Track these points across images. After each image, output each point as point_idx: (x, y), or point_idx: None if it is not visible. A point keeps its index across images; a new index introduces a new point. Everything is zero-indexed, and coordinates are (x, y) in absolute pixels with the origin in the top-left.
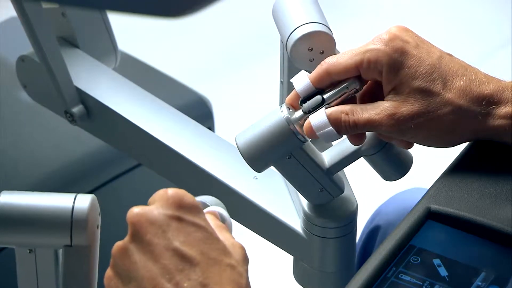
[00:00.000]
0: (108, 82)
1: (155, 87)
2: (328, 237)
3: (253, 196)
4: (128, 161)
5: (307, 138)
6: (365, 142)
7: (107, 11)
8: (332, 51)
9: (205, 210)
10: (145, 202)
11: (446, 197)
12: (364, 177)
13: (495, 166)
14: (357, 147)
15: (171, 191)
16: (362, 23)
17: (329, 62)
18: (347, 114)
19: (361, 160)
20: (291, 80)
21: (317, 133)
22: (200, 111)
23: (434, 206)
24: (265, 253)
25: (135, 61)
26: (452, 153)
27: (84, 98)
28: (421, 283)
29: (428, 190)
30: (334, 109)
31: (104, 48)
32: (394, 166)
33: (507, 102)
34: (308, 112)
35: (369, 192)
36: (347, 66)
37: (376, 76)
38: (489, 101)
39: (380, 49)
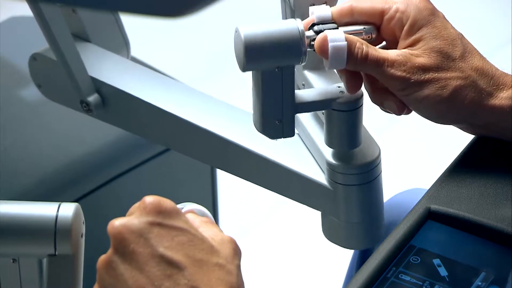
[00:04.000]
0: (121, 68)
1: None
2: (351, 184)
3: (276, 156)
4: (128, 161)
5: (305, 58)
6: (342, 95)
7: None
8: (334, 3)
9: (182, 211)
10: None
11: (446, 197)
12: None
13: (495, 166)
14: (332, 96)
15: (149, 198)
16: None
17: (356, 0)
18: (362, 44)
19: None
20: (311, 7)
21: (329, 45)
22: None
23: (434, 206)
24: (265, 254)
25: (135, 61)
26: (452, 153)
27: (99, 86)
28: (421, 283)
29: (428, 190)
30: (352, 36)
31: (116, 42)
32: (350, 134)
33: (510, 87)
34: (319, 33)
35: None
36: (372, 8)
37: (397, 30)
38: (496, 82)
39: (412, 3)
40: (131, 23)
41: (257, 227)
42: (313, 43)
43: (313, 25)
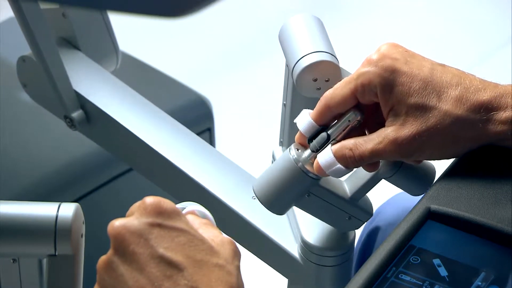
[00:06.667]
0: (108, 87)
1: (155, 87)
2: (324, 265)
3: (251, 216)
4: None
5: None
6: (381, 165)
7: (107, 11)
8: (338, 78)
9: (183, 212)
10: None
11: (446, 197)
12: None
13: (495, 166)
14: (375, 172)
15: (149, 199)
16: (362, 23)
17: (327, 96)
18: (350, 149)
19: None
20: (294, 120)
21: (326, 172)
22: (200, 111)
23: (434, 206)
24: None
25: (135, 61)
26: None
27: (83, 103)
28: (421, 283)
29: (428, 190)
30: (338, 146)
31: (105, 49)
32: (417, 181)
33: (506, 107)
34: (316, 151)
35: (369, 193)
36: (344, 96)
37: (374, 98)
38: (487, 108)
39: (370, 71)
40: (131, 23)
41: None
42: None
43: (308, 140)
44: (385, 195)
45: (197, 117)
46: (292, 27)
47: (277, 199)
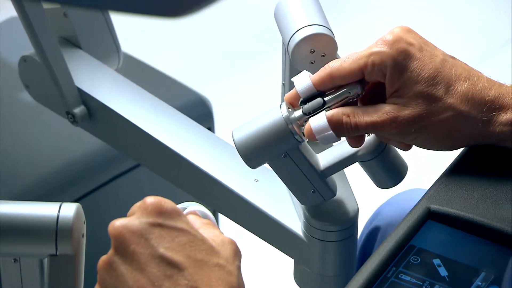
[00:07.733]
0: (110, 82)
1: (155, 87)
2: (328, 241)
3: (254, 198)
4: (128, 161)
5: (304, 139)
6: (362, 147)
7: (107, 11)
8: (334, 54)
9: (184, 212)
10: None
11: (446, 197)
12: (364, 177)
13: (495, 166)
14: (353, 151)
15: (150, 199)
16: (362, 23)
17: (333, 66)
18: (348, 116)
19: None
20: (293, 79)
21: (316, 137)
22: (200, 111)
23: (434, 206)
24: (265, 255)
25: (135, 61)
26: (451, 154)
27: (85, 98)
28: (421, 283)
29: (428, 190)
30: (335, 111)
31: (107, 48)
32: (389, 173)
33: (508, 109)
34: (308, 114)
35: (369, 193)
36: (351, 70)
37: (380, 78)
38: (490, 107)
39: (384, 52)
40: (131, 23)
41: None
42: (306, 121)
43: (301, 102)
44: (385, 195)
45: (197, 117)
46: (288, 3)
47: (255, 153)
